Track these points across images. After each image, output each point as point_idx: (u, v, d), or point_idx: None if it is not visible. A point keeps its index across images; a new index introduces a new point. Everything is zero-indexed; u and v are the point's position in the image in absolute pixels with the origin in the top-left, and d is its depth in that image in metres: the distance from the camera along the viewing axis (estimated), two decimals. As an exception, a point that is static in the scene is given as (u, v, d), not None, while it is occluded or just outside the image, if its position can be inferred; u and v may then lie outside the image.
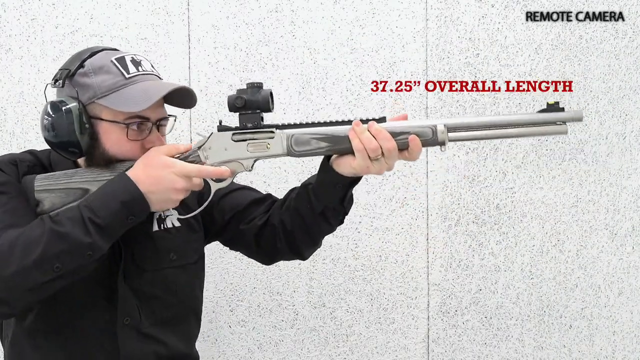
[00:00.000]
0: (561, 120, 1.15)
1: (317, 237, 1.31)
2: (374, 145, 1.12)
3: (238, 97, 1.18)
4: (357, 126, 1.14)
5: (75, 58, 1.20)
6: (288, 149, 1.18)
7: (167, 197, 1.13)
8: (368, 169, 1.14)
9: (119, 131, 1.17)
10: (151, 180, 1.12)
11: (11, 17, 1.84)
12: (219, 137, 1.20)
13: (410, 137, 1.14)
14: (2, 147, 1.85)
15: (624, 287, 1.97)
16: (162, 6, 1.87)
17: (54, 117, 1.16)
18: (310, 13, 1.89)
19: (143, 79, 1.18)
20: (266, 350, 1.92)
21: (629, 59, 1.94)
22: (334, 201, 1.22)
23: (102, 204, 1.10)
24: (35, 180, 1.17)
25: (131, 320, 1.23)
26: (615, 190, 1.96)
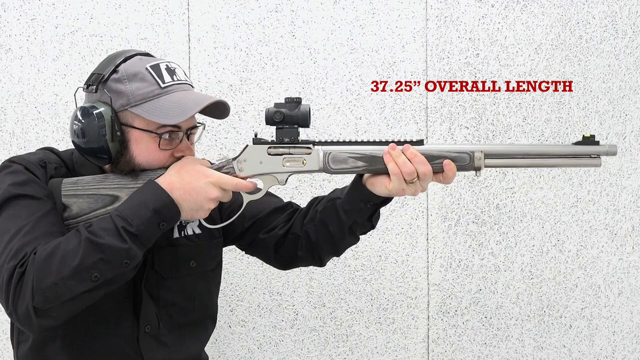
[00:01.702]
0: (596, 154, 1.16)
1: (342, 249, 1.32)
2: (410, 169, 1.13)
3: (277, 111, 1.17)
4: (392, 150, 1.14)
5: (108, 62, 1.18)
6: (324, 166, 1.18)
7: (199, 205, 1.13)
8: (403, 191, 1.15)
9: (150, 140, 1.16)
10: (186, 188, 1.12)
11: (11, 17, 1.84)
12: (254, 150, 1.19)
13: (445, 161, 1.15)
14: (2, 147, 1.85)
15: (624, 287, 1.97)
16: (162, 6, 1.87)
17: (84, 122, 1.15)
18: (310, 13, 1.89)
19: (178, 89, 1.17)
20: (266, 350, 1.92)
21: (629, 59, 1.94)
22: (363, 218, 1.23)
23: (134, 212, 1.09)
24: (63, 185, 1.16)
25: (151, 328, 1.23)
26: (615, 190, 1.96)
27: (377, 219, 1.27)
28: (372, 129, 1.90)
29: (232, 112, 1.87)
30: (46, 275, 1.03)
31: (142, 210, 1.09)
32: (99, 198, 1.15)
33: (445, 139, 1.91)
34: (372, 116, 1.90)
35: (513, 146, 1.20)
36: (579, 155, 1.17)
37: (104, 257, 1.05)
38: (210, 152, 1.86)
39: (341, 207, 1.23)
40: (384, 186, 1.16)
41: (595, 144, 1.16)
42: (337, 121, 1.90)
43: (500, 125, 1.92)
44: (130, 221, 1.08)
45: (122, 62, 1.17)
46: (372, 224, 1.26)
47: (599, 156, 1.17)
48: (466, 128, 1.92)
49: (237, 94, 1.88)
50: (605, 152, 1.16)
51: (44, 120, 1.84)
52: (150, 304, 1.24)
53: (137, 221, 1.08)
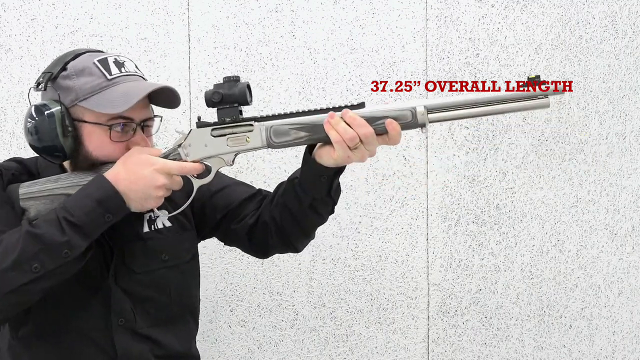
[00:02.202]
0: (543, 94, 1.13)
1: (308, 229, 1.30)
2: (351, 134, 1.11)
3: (215, 92, 1.16)
4: (331, 118, 1.13)
5: (58, 61, 1.19)
6: (268, 141, 1.17)
7: (147, 194, 1.13)
8: (349, 158, 1.13)
9: (102, 133, 1.17)
10: (131, 178, 1.12)
11: (11, 17, 1.84)
12: (198, 134, 1.19)
13: (387, 121, 1.12)
14: (2, 147, 1.85)
15: (624, 287, 1.97)
16: (162, 6, 1.87)
17: (36, 120, 1.16)
18: (310, 13, 1.89)
19: (125, 80, 1.18)
20: (266, 350, 1.92)
21: (629, 59, 1.94)
22: (321, 193, 1.21)
23: (76, 203, 1.10)
24: (20, 189, 1.17)
25: (126, 322, 1.23)
26: (615, 190, 1.96)
27: (337, 193, 1.25)
28: (372, 129, 1.90)
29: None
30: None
31: (85, 201, 1.10)
32: (55, 198, 1.16)
33: (445, 139, 1.91)
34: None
35: (456, 97, 1.16)
36: (526, 97, 1.13)
37: (43, 248, 1.06)
38: (210, 152, 1.87)
39: (298, 185, 1.22)
40: (329, 156, 1.14)
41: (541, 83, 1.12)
42: (337, 121, 1.90)
43: (500, 125, 1.92)
44: (72, 212, 1.08)
45: (72, 59, 1.19)
46: (332, 199, 1.24)
47: (546, 96, 1.12)
48: (466, 128, 1.92)
49: (237, 94, 1.88)
50: (552, 91, 1.12)
51: (44, 120, 1.84)
52: (124, 297, 1.23)
53: (79, 212, 1.09)
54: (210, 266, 1.89)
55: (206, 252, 1.87)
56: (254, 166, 1.88)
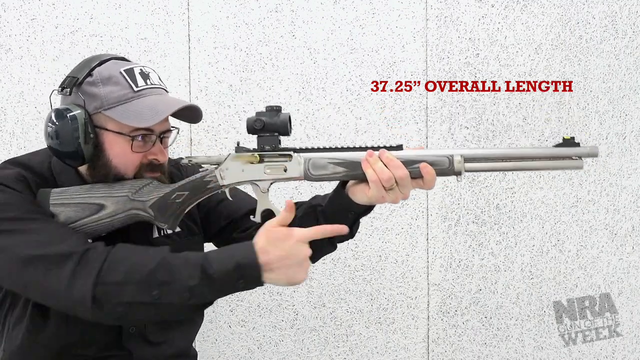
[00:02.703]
0: (577, 155, 1.15)
1: (318, 256, 1.31)
2: (387, 175, 1.12)
3: (257, 119, 1.18)
4: (370, 157, 1.14)
5: (83, 66, 1.19)
6: (305, 173, 1.19)
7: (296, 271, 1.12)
8: (383, 198, 1.14)
9: (123, 143, 1.17)
10: (282, 253, 1.10)
11: (11, 17, 1.84)
12: (236, 159, 1.20)
13: (421, 165, 1.14)
14: (2, 147, 1.85)
15: (624, 287, 1.97)
16: (162, 6, 1.87)
17: (58, 124, 1.16)
18: (310, 13, 1.89)
19: (151, 93, 1.18)
20: (266, 350, 1.92)
21: (629, 59, 1.94)
22: None
23: (219, 259, 1.09)
24: (51, 194, 1.17)
25: (136, 329, 1.24)
26: (615, 190, 1.96)
27: (357, 229, 1.26)
28: (372, 129, 1.90)
29: (232, 112, 1.87)
30: (116, 271, 1.06)
31: (226, 259, 1.09)
32: (86, 207, 1.16)
33: (445, 139, 1.91)
34: (372, 116, 1.90)
35: (493, 149, 1.18)
36: (560, 157, 1.15)
37: (169, 280, 1.06)
38: (210, 152, 1.86)
39: (322, 214, 1.23)
40: (364, 194, 1.16)
41: (576, 145, 1.15)
42: (337, 121, 1.90)
43: (500, 125, 1.92)
44: (212, 263, 1.08)
45: (97, 65, 1.18)
46: (352, 233, 1.25)
47: (580, 158, 1.15)
48: (466, 128, 1.92)
49: (237, 94, 1.88)
50: (587, 154, 1.15)
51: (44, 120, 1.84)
52: None
53: (217, 266, 1.08)
54: (210, 266, 1.89)
55: (206, 252, 1.87)
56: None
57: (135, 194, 1.18)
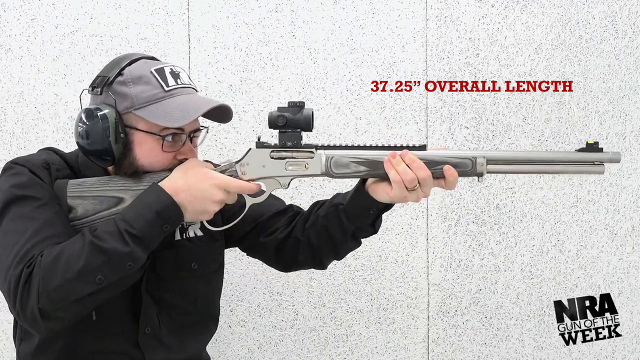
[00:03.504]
0: (599, 161, 1.16)
1: (344, 253, 1.32)
2: (411, 176, 1.12)
3: (280, 115, 1.17)
4: (393, 158, 1.14)
5: (114, 65, 1.19)
6: (327, 170, 1.19)
7: (203, 208, 1.13)
8: (405, 198, 1.15)
9: (154, 142, 1.17)
10: (191, 191, 1.12)
11: (11, 17, 1.84)
12: (257, 154, 1.20)
13: (445, 167, 1.14)
14: (2, 147, 1.85)
15: (624, 287, 1.97)
16: (162, 6, 1.87)
17: (88, 124, 1.15)
18: (310, 13, 1.89)
19: (181, 92, 1.18)
20: (266, 350, 1.92)
21: (629, 59, 1.94)
22: (366, 223, 1.23)
23: (137, 215, 1.10)
24: (68, 186, 1.16)
25: (152, 330, 1.24)
26: (615, 190, 1.96)
27: (380, 224, 1.27)
28: (372, 129, 1.90)
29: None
30: (52, 277, 1.04)
31: (145, 212, 1.10)
32: (104, 199, 1.16)
33: (445, 139, 1.91)
34: (372, 116, 1.90)
35: (517, 152, 1.20)
36: (582, 162, 1.17)
37: (107, 260, 1.06)
38: (210, 152, 1.86)
39: (344, 213, 1.24)
40: (385, 193, 1.16)
41: (599, 151, 1.16)
42: (337, 121, 1.90)
43: (500, 125, 1.92)
44: (133, 224, 1.09)
45: (127, 65, 1.18)
46: (374, 228, 1.26)
47: (602, 163, 1.16)
48: (466, 128, 1.92)
49: (237, 94, 1.88)
50: (609, 160, 1.15)
51: (44, 120, 1.84)
52: (152, 305, 1.24)
53: (140, 223, 1.09)
54: (210, 266, 1.89)
55: (206, 252, 1.87)
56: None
57: None
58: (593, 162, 1.16)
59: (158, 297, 1.25)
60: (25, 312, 1.05)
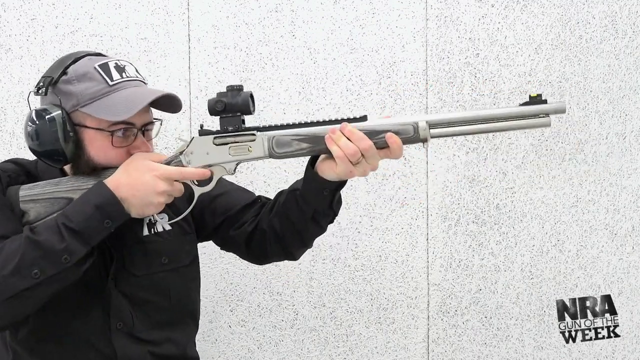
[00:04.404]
0: (544, 113, 1.13)
1: (308, 240, 1.31)
2: (353, 149, 1.11)
3: (218, 100, 1.17)
4: (333, 133, 1.13)
5: (58, 65, 1.19)
6: (269, 151, 1.18)
7: (148, 200, 1.13)
8: (352, 173, 1.14)
9: (103, 138, 1.17)
10: (132, 184, 1.12)
11: (11, 17, 1.84)
12: (200, 142, 1.19)
13: (387, 135, 1.12)
14: (2, 147, 1.85)
15: (624, 287, 1.97)
16: (162, 6, 1.87)
17: (37, 125, 1.15)
18: (310, 13, 1.89)
19: (127, 86, 1.17)
20: (266, 350, 1.92)
21: (629, 59, 1.94)
22: (322, 205, 1.22)
23: (76, 209, 1.10)
24: (20, 191, 1.16)
25: (124, 325, 1.23)
26: (615, 190, 1.96)
27: (338, 206, 1.25)
28: (372, 129, 1.90)
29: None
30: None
31: (84, 207, 1.10)
32: (55, 201, 1.16)
33: (445, 139, 1.91)
34: (372, 116, 1.90)
35: (458, 113, 1.17)
36: (527, 115, 1.13)
37: (42, 254, 1.06)
38: (210, 152, 1.86)
39: (300, 197, 1.22)
40: (332, 170, 1.15)
41: (543, 102, 1.13)
42: (337, 121, 1.90)
43: (500, 125, 1.92)
44: (72, 218, 1.09)
45: (72, 63, 1.18)
46: (333, 210, 1.24)
47: (548, 115, 1.13)
48: (466, 128, 1.91)
49: (237, 94, 1.88)
50: (553, 110, 1.12)
51: (44, 120, 1.84)
52: (123, 301, 1.23)
53: (78, 217, 1.09)
54: (210, 266, 1.89)
55: (206, 252, 1.87)
56: (254, 166, 1.88)
57: None
58: (538, 114, 1.13)
59: (130, 293, 1.24)
60: None
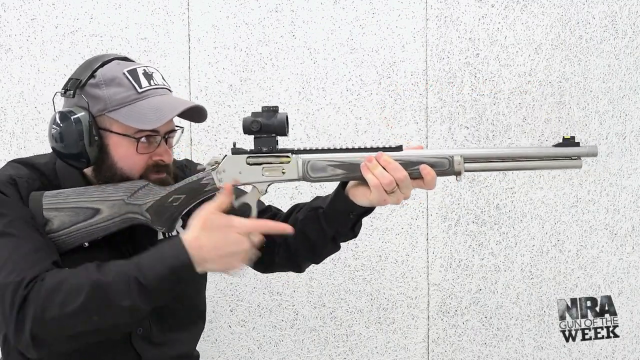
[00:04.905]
0: (576, 155, 1.15)
1: (322, 257, 1.32)
2: (388, 179, 1.11)
3: (254, 120, 1.16)
4: (369, 162, 1.13)
5: (86, 67, 1.18)
6: (304, 174, 1.17)
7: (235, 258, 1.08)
8: (385, 201, 1.14)
9: (129, 144, 1.16)
10: (217, 246, 1.07)
11: (11, 17, 1.84)
12: (233, 160, 1.19)
13: (421, 167, 1.13)
14: (2, 147, 1.85)
15: (624, 287, 1.97)
16: (162, 6, 1.87)
17: (62, 127, 1.15)
18: (310, 13, 1.89)
19: (155, 94, 1.17)
20: (266, 350, 1.92)
21: (629, 59, 1.94)
22: (345, 227, 1.22)
23: (150, 265, 1.05)
24: (44, 199, 1.15)
25: (143, 330, 1.23)
26: (615, 190, 1.96)
27: (359, 228, 1.26)
28: (372, 129, 1.90)
29: (232, 112, 1.87)
30: (50, 307, 1.02)
31: (158, 265, 1.05)
32: (80, 211, 1.15)
33: (445, 139, 1.91)
34: (372, 116, 1.90)
35: (493, 149, 1.18)
36: (560, 157, 1.15)
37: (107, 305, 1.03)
38: (210, 152, 1.86)
39: (323, 217, 1.22)
40: (365, 197, 1.15)
41: (576, 145, 1.15)
42: (337, 121, 1.90)
43: (500, 125, 1.92)
44: (145, 273, 1.04)
45: (100, 66, 1.17)
46: (354, 233, 1.25)
47: (579, 158, 1.15)
48: (466, 128, 1.92)
49: (237, 94, 1.88)
50: (586, 154, 1.14)
51: (44, 120, 1.84)
52: None
53: (150, 275, 1.04)
54: (210, 266, 1.89)
55: (206, 252, 1.87)
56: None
57: (130, 198, 1.17)
58: (570, 156, 1.15)
59: None
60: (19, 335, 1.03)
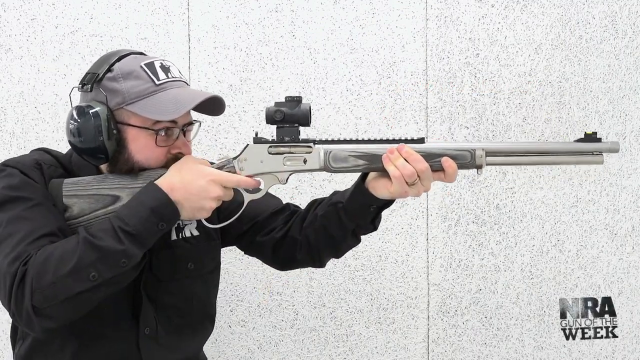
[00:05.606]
0: (598, 151, 1.16)
1: (343, 251, 1.32)
2: (410, 170, 1.12)
3: (277, 110, 1.16)
4: (391, 153, 1.13)
5: (103, 61, 1.18)
6: (325, 165, 1.18)
7: (200, 205, 1.13)
8: (406, 193, 1.14)
9: (147, 137, 1.16)
10: (187, 187, 1.11)
11: (11, 17, 1.84)
12: (255, 149, 1.19)
13: (443, 159, 1.14)
14: (2, 147, 1.85)
15: (624, 287, 1.97)
16: (162, 6, 1.87)
17: (80, 121, 1.15)
18: (310, 13, 1.89)
19: (172, 86, 1.17)
20: (266, 350, 1.92)
21: (629, 59, 1.94)
22: (366, 220, 1.23)
23: (131, 212, 1.09)
24: (64, 185, 1.15)
25: (150, 330, 1.23)
26: (615, 190, 1.96)
27: (379, 221, 1.26)
28: (372, 129, 1.90)
29: (232, 112, 1.87)
30: (45, 273, 1.04)
31: (139, 210, 1.09)
32: (100, 198, 1.15)
33: (445, 139, 1.91)
34: (372, 116, 1.90)
35: (515, 144, 1.19)
36: (581, 152, 1.16)
37: (101, 257, 1.05)
38: (210, 151, 1.86)
39: (343, 211, 1.23)
40: (386, 189, 1.16)
41: (597, 140, 1.15)
42: (337, 121, 1.90)
43: (500, 125, 1.92)
44: (127, 221, 1.08)
45: (117, 61, 1.17)
46: (374, 226, 1.26)
47: (601, 153, 1.16)
48: (466, 128, 1.92)
49: (237, 94, 1.88)
50: (607, 149, 1.15)
51: (44, 120, 1.84)
52: (149, 306, 1.23)
53: (134, 220, 1.08)
54: (210, 266, 1.89)
55: (206, 252, 1.87)
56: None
57: None
58: (592, 152, 1.16)
59: (155, 298, 1.24)
60: (20, 310, 1.05)
